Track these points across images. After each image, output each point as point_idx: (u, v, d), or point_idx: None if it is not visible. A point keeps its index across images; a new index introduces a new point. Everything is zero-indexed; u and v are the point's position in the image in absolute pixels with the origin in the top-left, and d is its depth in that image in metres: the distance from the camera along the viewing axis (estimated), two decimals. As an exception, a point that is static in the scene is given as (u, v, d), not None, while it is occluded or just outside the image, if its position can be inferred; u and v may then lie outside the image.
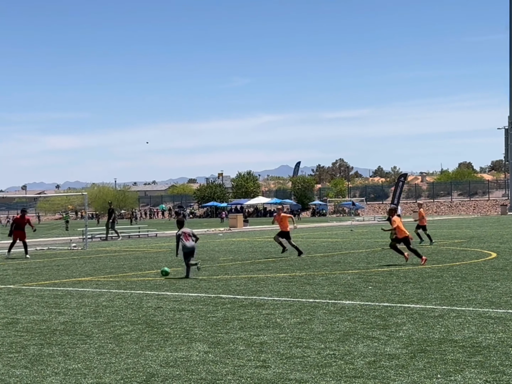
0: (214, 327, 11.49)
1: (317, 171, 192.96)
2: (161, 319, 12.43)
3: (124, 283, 18.33)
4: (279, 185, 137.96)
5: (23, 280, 19.75)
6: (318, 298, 14.48)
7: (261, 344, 10.11)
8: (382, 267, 20.77)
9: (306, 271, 20.04)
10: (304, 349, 9.71)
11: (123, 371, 8.66)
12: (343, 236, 40.65)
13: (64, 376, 8.50)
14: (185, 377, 8.34)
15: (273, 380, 8.11)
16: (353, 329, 11.06)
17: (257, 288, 16.40)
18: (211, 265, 23.11)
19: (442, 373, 8.22)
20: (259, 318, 12.23)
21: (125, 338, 10.73)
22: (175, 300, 14.71)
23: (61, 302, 14.90)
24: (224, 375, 8.40)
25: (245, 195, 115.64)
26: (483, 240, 32.86)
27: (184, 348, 9.93)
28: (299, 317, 12.23)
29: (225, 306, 13.77)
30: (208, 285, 17.25)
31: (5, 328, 11.82)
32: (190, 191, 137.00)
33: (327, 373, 8.36)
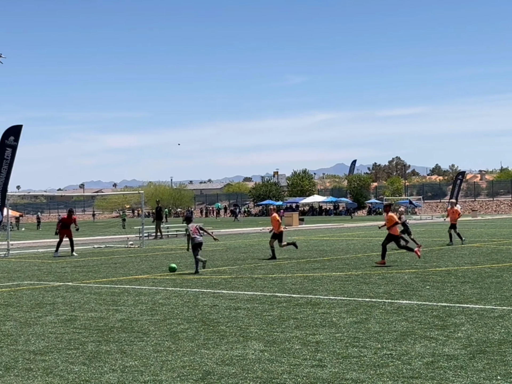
0: (270, 326, 11.47)
1: (373, 170, 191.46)
2: (217, 317, 12.46)
3: (180, 281, 18.44)
4: (335, 183, 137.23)
5: (81, 277, 20.03)
6: (374, 298, 14.35)
7: (317, 343, 10.05)
8: (440, 266, 20.48)
9: (362, 270, 19.88)
10: (361, 348, 9.62)
11: (179, 369, 8.70)
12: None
13: (121, 373, 8.58)
14: (241, 375, 8.34)
15: (329, 380, 8.05)
16: (411, 329, 10.92)
17: (313, 287, 16.33)
18: (266, 263, 23.11)
19: (502, 375, 8.05)
20: (315, 317, 12.17)
21: (181, 336, 10.78)
22: (230, 299, 14.74)
23: (118, 299, 15.05)
24: (280, 374, 8.37)
25: (301, 194, 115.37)
26: (544, 239, 32.18)
27: (240, 347, 9.92)
28: (355, 317, 12.13)
29: (280, 304, 13.74)
30: (263, 284, 17.24)
31: (64, 325, 11.99)
32: (245, 189, 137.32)
33: (384, 373, 8.26)
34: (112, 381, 8.21)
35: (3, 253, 30.12)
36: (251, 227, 59.27)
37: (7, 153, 33.41)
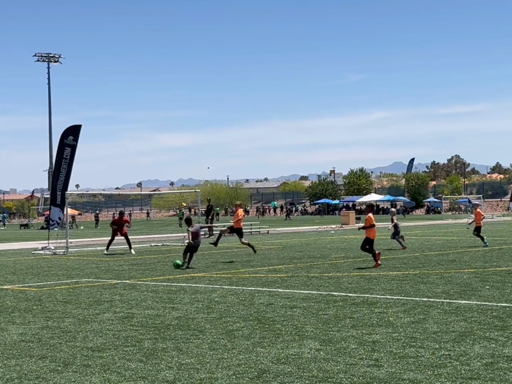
0: (326, 325, 11.40)
1: (432, 168, 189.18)
2: (272, 315, 12.44)
3: (236, 279, 18.48)
4: (392, 182, 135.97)
5: (138, 275, 20.22)
6: (432, 297, 14.15)
7: (373, 342, 9.95)
8: (500, 266, 20.12)
9: (420, 270, 19.65)
10: (418, 348, 9.50)
11: (235, 367, 8.70)
12: (459, 234, 39.69)
13: (178, 370, 8.62)
14: (297, 374, 8.30)
15: (385, 380, 7.95)
16: (469, 329, 10.73)
17: (370, 286, 16.19)
18: (322, 262, 23.02)
19: None
20: (371, 317, 12.06)
21: (237, 334, 10.79)
22: (286, 297, 14.70)
23: (175, 297, 15.15)
24: (336, 373, 8.30)
25: (357, 192, 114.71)
26: None
27: (296, 345, 9.89)
28: (413, 316, 11.98)
29: (336, 303, 13.66)
30: (319, 283, 17.17)
31: (121, 322, 12.11)
32: (301, 188, 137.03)
33: (442, 374, 8.13)
34: (168, 378, 8.26)
35: (62, 251, 30.62)
36: (307, 226, 59.15)
37: (66, 152, 33.97)
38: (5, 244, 40.39)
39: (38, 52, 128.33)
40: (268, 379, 8.10)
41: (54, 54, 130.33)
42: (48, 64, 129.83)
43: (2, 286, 18.29)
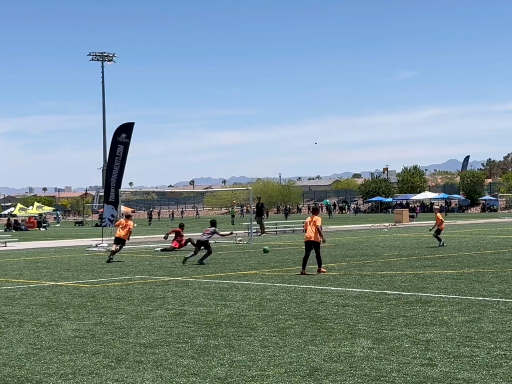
0: (379, 323, 11.29)
1: (488, 165, 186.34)
2: (324, 313, 12.36)
3: (288, 277, 18.43)
4: (447, 179, 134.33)
5: (190, 272, 20.31)
6: (487, 296, 13.91)
7: (427, 341, 9.81)
8: (558, 265, 19.70)
9: (475, 268, 19.34)
10: (473, 348, 9.33)
11: (286, 365, 8.66)
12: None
13: (229, 367, 8.61)
14: (349, 372, 8.22)
15: (439, 379, 7.83)
16: (526, 329, 10.52)
17: (423, 285, 15.99)
18: (375, 260, 22.83)
19: None
20: (425, 315, 11.90)
21: (288, 332, 10.75)
22: (339, 295, 14.61)
23: (227, 294, 15.17)
24: (389, 372, 8.20)
25: (411, 190, 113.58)
26: None
27: (348, 344, 9.80)
28: (468, 315, 11.79)
29: (389, 302, 13.51)
30: (372, 281, 17.02)
31: (173, 319, 12.17)
32: (354, 186, 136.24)
33: (498, 374, 7.97)
34: (220, 375, 8.26)
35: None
36: (361, 223, 58.79)
37: (119, 150, 34.31)
38: (59, 241, 41.01)
39: (92, 51, 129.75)
40: (320, 377, 8.04)
41: (108, 53, 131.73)
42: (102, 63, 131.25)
43: (57, 282, 18.55)
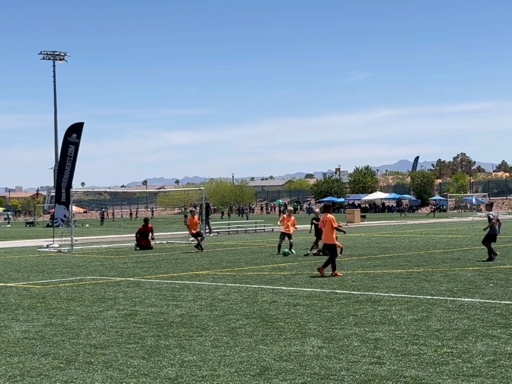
0: (329, 322, 11.40)
1: (438, 166, 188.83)
2: (275, 313, 12.44)
3: (240, 277, 18.48)
4: (398, 180, 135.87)
5: (142, 273, 20.24)
6: (436, 295, 14.14)
7: (376, 340, 9.95)
8: (504, 264, 20.10)
9: (424, 268, 19.62)
10: (421, 346, 9.49)
11: (237, 364, 8.71)
12: (463, 232, 39.64)
13: (180, 367, 8.63)
14: (299, 371, 8.30)
15: (387, 377, 7.95)
16: (472, 327, 10.72)
17: (373, 284, 16.18)
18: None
19: None
20: (375, 314, 12.06)
21: (239, 332, 10.80)
22: (290, 295, 14.70)
23: (178, 295, 15.16)
24: (338, 370, 8.30)
25: (363, 190, 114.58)
26: None
27: (298, 343, 9.89)
28: (416, 314, 11.97)
29: (340, 301, 13.65)
30: (323, 280, 17.16)
31: (124, 320, 12.12)
32: (307, 186, 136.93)
33: (444, 371, 8.13)
34: (170, 375, 8.27)
35: (67, 249, 30.66)
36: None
37: (70, 150, 34.06)
38: (10, 242, 40.45)
39: (43, 50, 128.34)
40: (270, 376, 8.10)
41: (59, 52, 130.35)
42: (54, 62, 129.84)
43: (6, 283, 18.33)
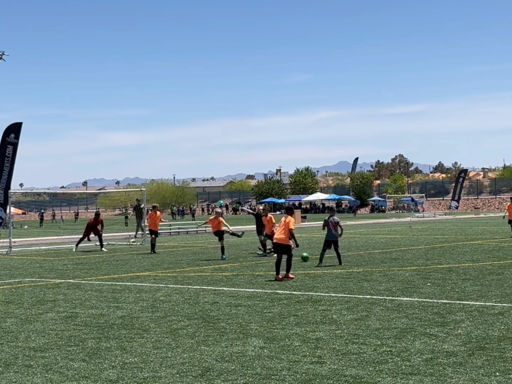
0: (270, 323, 11.48)
1: (376, 167, 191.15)
2: (217, 314, 12.47)
3: (181, 278, 18.45)
4: (338, 181, 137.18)
5: (82, 274, 20.04)
6: (375, 295, 14.35)
7: (317, 340, 10.06)
8: (441, 263, 20.49)
9: (364, 268, 19.88)
10: (360, 345, 9.63)
11: (178, 365, 8.71)
12: (402, 232, 40.23)
13: (121, 369, 8.59)
14: (240, 372, 8.34)
15: (328, 376, 8.05)
16: (411, 326, 10.92)
17: (314, 284, 16.33)
18: (268, 260, 23.11)
19: (501, 371, 8.06)
20: (315, 314, 12.18)
21: (181, 333, 10.80)
22: (231, 296, 14.74)
23: (120, 296, 15.07)
24: (279, 370, 8.37)
25: (303, 191, 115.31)
26: (546, 236, 32.16)
27: (240, 343, 9.93)
28: (356, 314, 12.14)
29: (281, 301, 13.75)
30: (264, 281, 17.25)
31: (65, 322, 12.00)
32: (248, 187, 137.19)
33: (383, 370, 8.27)
34: (111, 377, 8.22)
35: (5, 251, 30.16)
36: (254, 224, 59.18)
37: (9, 150, 33.52)
38: None
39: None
40: (212, 377, 8.13)
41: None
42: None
43: None
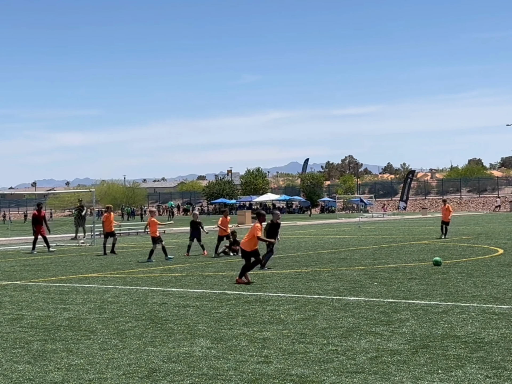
0: (218, 323, 11.51)
1: (327, 168, 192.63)
2: (165, 315, 12.46)
3: (130, 279, 18.38)
4: (288, 181, 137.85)
5: (30, 276, 19.82)
6: (323, 294, 14.48)
7: (264, 340, 10.12)
8: (389, 263, 20.75)
9: (312, 268, 20.03)
10: (307, 344, 9.72)
11: (125, 367, 8.69)
12: (351, 232, 40.61)
13: (66, 371, 8.53)
14: (187, 372, 8.36)
15: (274, 376, 8.12)
16: (357, 325, 11.06)
17: (263, 284, 16.41)
18: (217, 261, 23.15)
19: (443, 369, 8.22)
20: (263, 314, 12.25)
21: (128, 334, 10.77)
22: (180, 296, 14.74)
23: (67, 298, 14.94)
24: (226, 370, 8.41)
25: (254, 192, 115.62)
26: (491, 236, 32.79)
27: (187, 344, 9.95)
28: (303, 313, 12.24)
29: (230, 302, 13.79)
30: (213, 281, 17.28)
31: (10, 324, 11.86)
32: (199, 188, 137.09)
33: (329, 369, 8.36)
34: (56, 379, 8.17)
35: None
36: (205, 225, 59.07)
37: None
38: None
39: None
40: (158, 378, 8.13)
41: None
42: None
43: None
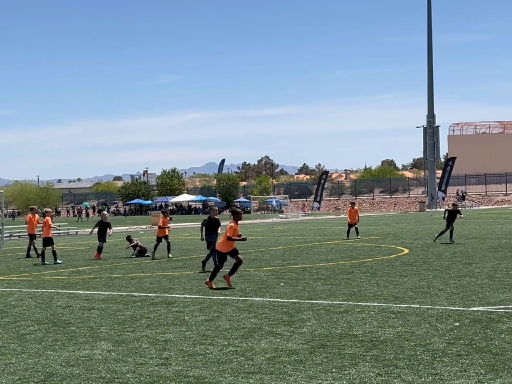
0: (121, 326, 11.49)
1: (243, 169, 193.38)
2: (69, 318, 12.36)
3: (36, 282, 18.11)
4: (205, 182, 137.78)
5: None
6: (229, 296, 14.60)
7: (165, 341, 10.17)
8: (297, 263, 21.04)
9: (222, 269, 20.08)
10: (208, 346, 9.82)
11: (21, 371, 8.61)
12: (263, 233, 40.91)
13: (-39, 377, 8.39)
14: (84, 376, 8.34)
15: (172, 377, 8.18)
16: (259, 325, 11.22)
17: (170, 286, 16.44)
18: (127, 263, 23.02)
19: (338, 367, 8.44)
20: (168, 316, 12.29)
21: (29, 338, 10.65)
22: (86, 299, 14.63)
23: (-32, 302, 14.63)
24: (124, 373, 8.43)
25: (170, 193, 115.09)
26: (398, 236, 33.56)
27: (88, 347, 9.91)
28: (208, 315, 12.33)
29: (135, 304, 13.77)
30: (121, 283, 17.21)
31: None
32: (114, 188, 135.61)
33: (226, 370, 8.48)
34: (-50, 386, 8.03)
35: None
36: (119, 226, 58.62)
37: None
38: None
39: None
40: (55, 382, 8.09)
41: None
42: None
43: None
